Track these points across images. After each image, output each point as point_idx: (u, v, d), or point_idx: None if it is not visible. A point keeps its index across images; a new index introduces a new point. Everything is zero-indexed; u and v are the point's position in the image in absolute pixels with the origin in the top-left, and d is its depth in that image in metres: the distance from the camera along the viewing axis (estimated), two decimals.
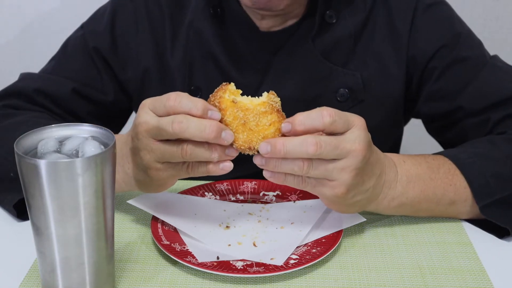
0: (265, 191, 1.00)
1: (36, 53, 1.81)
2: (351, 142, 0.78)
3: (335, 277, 0.81)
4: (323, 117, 0.77)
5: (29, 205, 0.70)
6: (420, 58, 1.09)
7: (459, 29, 1.10)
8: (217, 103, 0.78)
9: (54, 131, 0.75)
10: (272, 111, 0.79)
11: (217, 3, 1.09)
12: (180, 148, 0.77)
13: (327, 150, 0.76)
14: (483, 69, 1.07)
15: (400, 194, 0.87)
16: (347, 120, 0.78)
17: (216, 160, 0.78)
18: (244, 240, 0.88)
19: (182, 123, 0.75)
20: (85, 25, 1.18)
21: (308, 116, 0.77)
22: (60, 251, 0.71)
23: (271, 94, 0.80)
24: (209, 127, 0.75)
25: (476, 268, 0.84)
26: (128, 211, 0.96)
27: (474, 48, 1.10)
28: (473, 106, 1.06)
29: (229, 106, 0.78)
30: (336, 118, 0.77)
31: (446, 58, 1.08)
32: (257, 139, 0.78)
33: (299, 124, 0.77)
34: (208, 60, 1.10)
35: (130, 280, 0.80)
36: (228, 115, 0.78)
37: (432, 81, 1.09)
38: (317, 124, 0.77)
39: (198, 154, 0.78)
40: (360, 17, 1.09)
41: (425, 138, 1.22)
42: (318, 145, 0.75)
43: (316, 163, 0.77)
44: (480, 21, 1.82)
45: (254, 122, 0.78)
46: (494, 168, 0.91)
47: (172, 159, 0.79)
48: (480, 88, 1.06)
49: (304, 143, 0.76)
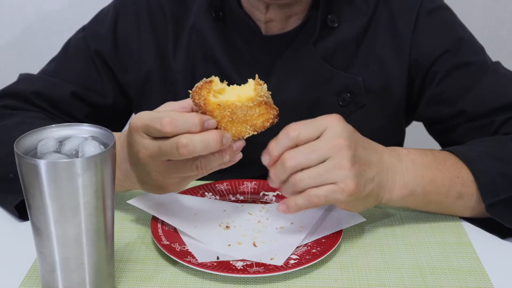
0: (265, 191, 1.00)
1: (36, 54, 1.81)
2: (327, 141, 0.80)
3: (335, 277, 0.81)
4: (288, 134, 0.81)
5: (29, 205, 0.70)
6: (423, 62, 1.08)
7: (461, 34, 1.10)
8: (203, 104, 0.77)
9: (54, 131, 0.75)
10: (260, 104, 0.79)
11: (219, 7, 1.09)
12: (194, 166, 0.79)
13: (302, 159, 0.80)
14: (485, 74, 1.07)
15: (410, 180, 0.88)
16: (314, 126, 0.81)
17: (229, 159, 0.80)
18: (244, 240, 0.88)
19: (188, 147, 0.76)
20: (87, 27, 1.17)
21: (277, 142, 0.82)
22: (60, 251, 0.71)
23: (257, 84, 0.79)
24: (212, 140, 0.76)
25: (476, 268, 0.84)
26: (128, 211, 0.96)
27: (477, 53, 1.10)
28: (476, 110, 1.06)
29: (215, 108, 0.77)
30: (301, 130, 0.81)
31: (449, 62, 1.08)
32: (246, 129, 0.79)
33: (274, 151, 0.81)
34: (210, 63, 1.10)
35: (130, 280, 0.80)
36: (215, 115, 0.78)
37: (434, 85, 1.09)
38: (287, 143, 0.81)
39: (212, 164, 0.79)
40: (362, 21, 1.09)
41: (427, 139, 1.22)
42: (291, 158, 0.81)
43: (306, 172, 0.80)
44: (480, 21, 1.82)
45: (242, 115, 0.78)
46: (501, 168, 0.91)
47: (186, 172, 0.80)
48: (483, 92, 1.06)
49: (282, 163, 0.81)
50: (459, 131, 1.09)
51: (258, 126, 0.79)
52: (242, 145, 0.80)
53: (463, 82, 1.07)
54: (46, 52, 1.25)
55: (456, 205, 0.92)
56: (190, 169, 0.79)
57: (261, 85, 0.79)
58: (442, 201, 0.91)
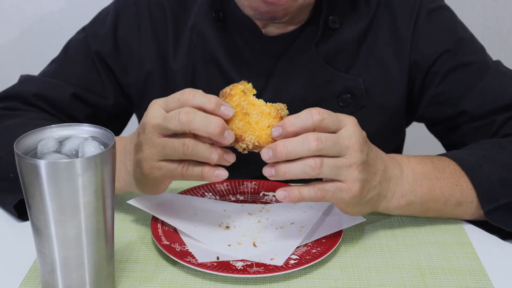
0: (265, 191, 1.00)
1: (36, 54, 1.81)
2: (348, 138, 0.78)
3: (335, 277, 0.81)
4: (313, 115, 0.77)
5: (29, 205, 0.70)
6: (423, 63, 1.08)
7: (461, 34, 1.10)
8: (229, 89, 0.81)
9: (54, 131, 0.75)
10: (276, 116, 0.79)
11: (220, 7, 1.09)
12: (182, 142, 0.77)
13: (328, 145, 0.76)
14: (486, 73, 1.07)
15: (408, 191, 0.87)
16: (337, 118, 0.79)
17: (215, 161, 0.78)
18: (244, 240, 0.88)
19: (189, 114, 0.76)
20: (87, 27, 1.17)
21: (298, 117, 0.78)
22: (60, 251, 0.71)
23: (281, 104, 0.81)
24: (214, 122, 0.76)
25: (476, 268, 0.84)
26: (128, 211, 0.96)
27: (477, 53, 1.10)
28: (477, 110, 1.06)
29: (237, 93, 0.81)
30: (326, 116, 0.78)
31: (449, 63, 1.08)
32: (249, 134, 0.79)
33: (289, 125, 0.77)
34: (211, 64, 1.10)
35: (130, 280, 0.80)
36: (234, 100, 0.80)
37: (435, 86, 1.09)
38: (307, 123, 0.77)
39: (199, 151, 0.77)
40: (363, 22, 1.09)
41: (427, 139, 1.22)
42: (319, 140, 0.76)
43: (325, 161, 0.77)
44: (480, 22, 1.82)
45: (254, 118, 0.79)
46: (501, 173, 0.91)
47: (172, 154, 0.79)
48: (484, 92, 1.06)
49: (305, 140, 0.76)
50: (461, 131, 1.08)
51: (262, 139, 0.79)
52: (232, 160, 0.79)
53: (464, 82, 1.07)
54: (46, 53, 1.26)
55: (455, 212, 0.92)
56: (177, 146, 0.77)
57: (284, 106, 0.81)
58: (440, 209, 0.91)
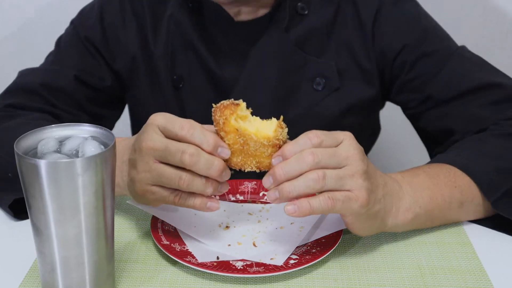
0: (265, 191, 1.00)
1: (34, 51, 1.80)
2: (345, 150, 0.78)
3: (335, 277, 0.81)
4: (311, 139, 0.77)
5: (29, 205, 0.70)
6: (389, 53, 1.12)
7: (425, 24, 1.13)
8: (222, 123, 0.77)
9: (54, 131, 0.75)
10: (274, 146, 0.78)
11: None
12: (178, 176, 0.78)
13: (324, 157, 0.76)
14: (449, 59, 1.09)
15: (412, 204, 0.86)
16: (334, 137, 0.79)
17: (209, 194, 0.80)
18: (244, 240, 0.88)
19: (194, 157, 0.76)
20: (75, 20, 1.22)
21: (296, 144, 0.77)
22: (60, 251, 0.71)
23: (279, 126, 0.78)
24: (216, 165, 0.77)
25: (476, 268, 0.84)
26: (128, 211, 0.96)
27: (442, 41, 1.12)
28: (442, 95, 1.08)
29: (232, 131, 0.78)
30: (324, 138, 0.78)
31: (415, 52, 1.10)
32: (251, 162, 0.79)
33: (289, 154, 0.77)
34: (188, 50, 1.14)
35: (130, 280, 0.80)
36: (229, 138, 0.78)
37: (404, 75, 1.12)
38: (307, 147, 0.77)
39: (195, 185, 0.78)
40: (330, 9, 1.12)
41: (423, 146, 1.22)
42: (314, 154, 0.76)
43: (328, 172, 0.76)
44: (480, 21, 1.81)
45: (253, 149, 0.78)
46: (493, 163, 0.93)
47: (167, 183, 0.79)
48: (448, 78, 1.09)
49: (300, 157, 0.76)
50: (427, 116, 1.11)
51: (263, 165, 0.79)
52: (225, 190, 0.81)
53: (429, 69, 1.10)
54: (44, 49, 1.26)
55: (459, 214, 0.92)
56: (174, 178, 0.78)
57: (282, 128, 0.78)
58: (445, 215, 0.91)
